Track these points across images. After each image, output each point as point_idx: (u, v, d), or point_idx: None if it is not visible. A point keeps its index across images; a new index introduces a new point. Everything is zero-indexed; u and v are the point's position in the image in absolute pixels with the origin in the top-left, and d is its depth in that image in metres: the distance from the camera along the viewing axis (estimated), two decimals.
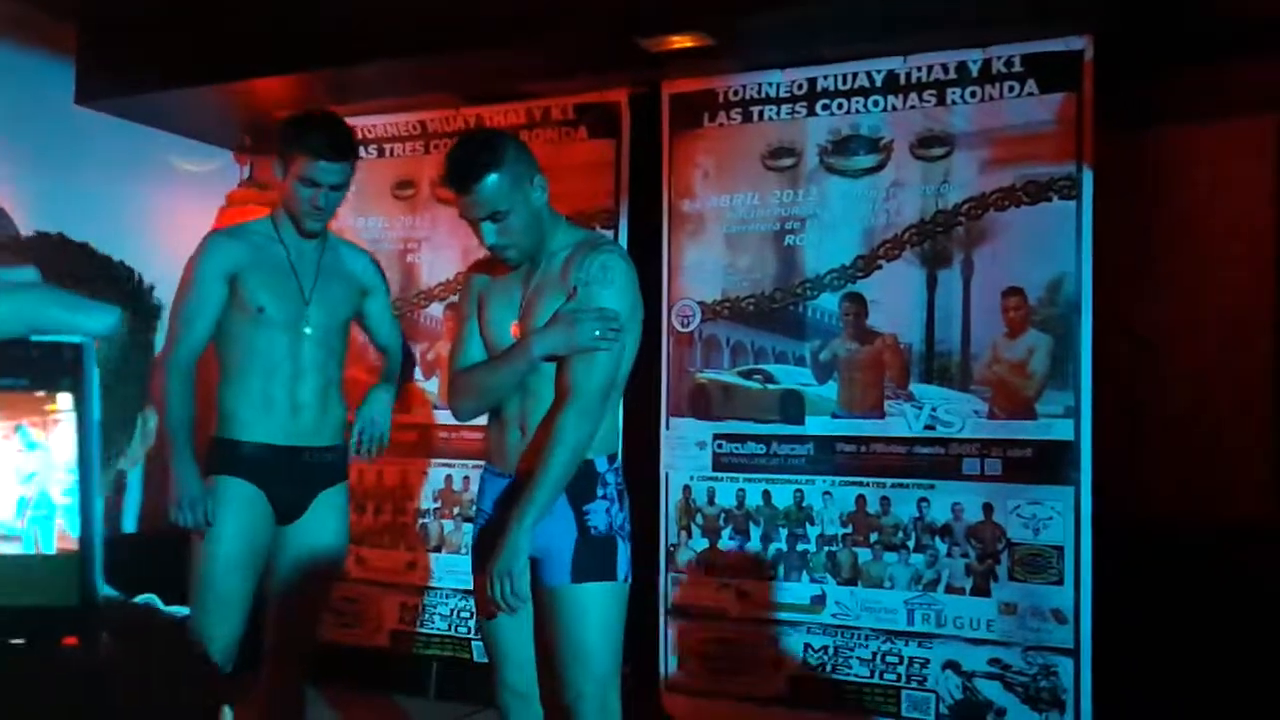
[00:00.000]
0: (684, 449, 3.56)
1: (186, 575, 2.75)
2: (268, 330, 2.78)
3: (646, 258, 3.66)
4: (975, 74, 3.27)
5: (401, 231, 4.11)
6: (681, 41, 3.42)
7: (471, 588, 2.53)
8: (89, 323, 0.85)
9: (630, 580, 2.40)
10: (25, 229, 3.51)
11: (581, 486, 2.35)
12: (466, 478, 3.92)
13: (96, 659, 0.83)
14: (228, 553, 2.72)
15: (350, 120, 4.08)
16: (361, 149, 4.16)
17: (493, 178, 2.29)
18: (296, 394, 2.81)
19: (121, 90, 4.03)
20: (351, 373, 3.08)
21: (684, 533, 3.54)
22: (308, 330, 2.82)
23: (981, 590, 3.14)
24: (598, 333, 2.28)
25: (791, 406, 3.42)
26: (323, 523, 2.85)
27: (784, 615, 3.38)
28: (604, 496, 2.37)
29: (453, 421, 3.39)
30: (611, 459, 2.41)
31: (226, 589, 2.72)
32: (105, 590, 0.93)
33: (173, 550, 2.79)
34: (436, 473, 4.02)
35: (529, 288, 2.41)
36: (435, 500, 4.03)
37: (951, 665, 3.16)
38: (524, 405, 2.38)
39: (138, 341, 1.00)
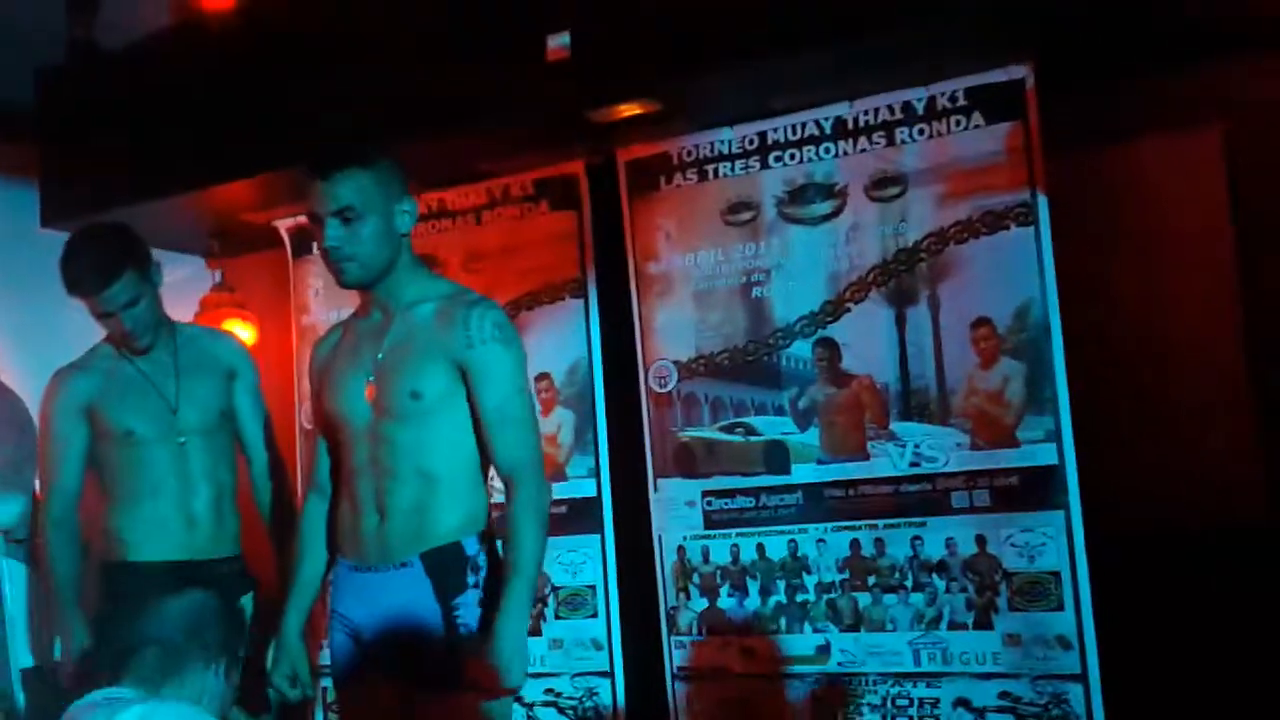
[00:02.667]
0: (674, 510, 3.54)
1: None
2: (143, 450, 2.68)
3: (618, 322, 3.70)
4: (921, 112, 3.31)
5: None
6: (631, 110, 3.46)
7: None
8: None
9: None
10: (4, 357, 3.48)
11: (448, 576, 2.11)
12: None
13: None
14: None
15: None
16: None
17: (357, 170, 2.09)
18: (189, 508, 2.70)
19: (87, 209, 4.06)
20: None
21: (682, 594, 3.51)
22: (183, 439, 2.71)
23: (984, 624, 3.11)
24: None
25: (776, 457, 3.42)
26: None
27: (790, 668, 3.34)
28: (476, 585, 2.13)
29: None
30: (483, 538, 2.18)
31: None
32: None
33: None
34: None
35: (384, 342, 2.18)
36: None
37: (963, 703, 3.13)
38: (379, 485, 2.14)
39: None
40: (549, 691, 3.67)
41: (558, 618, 3.70)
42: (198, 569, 2.71)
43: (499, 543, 2.22)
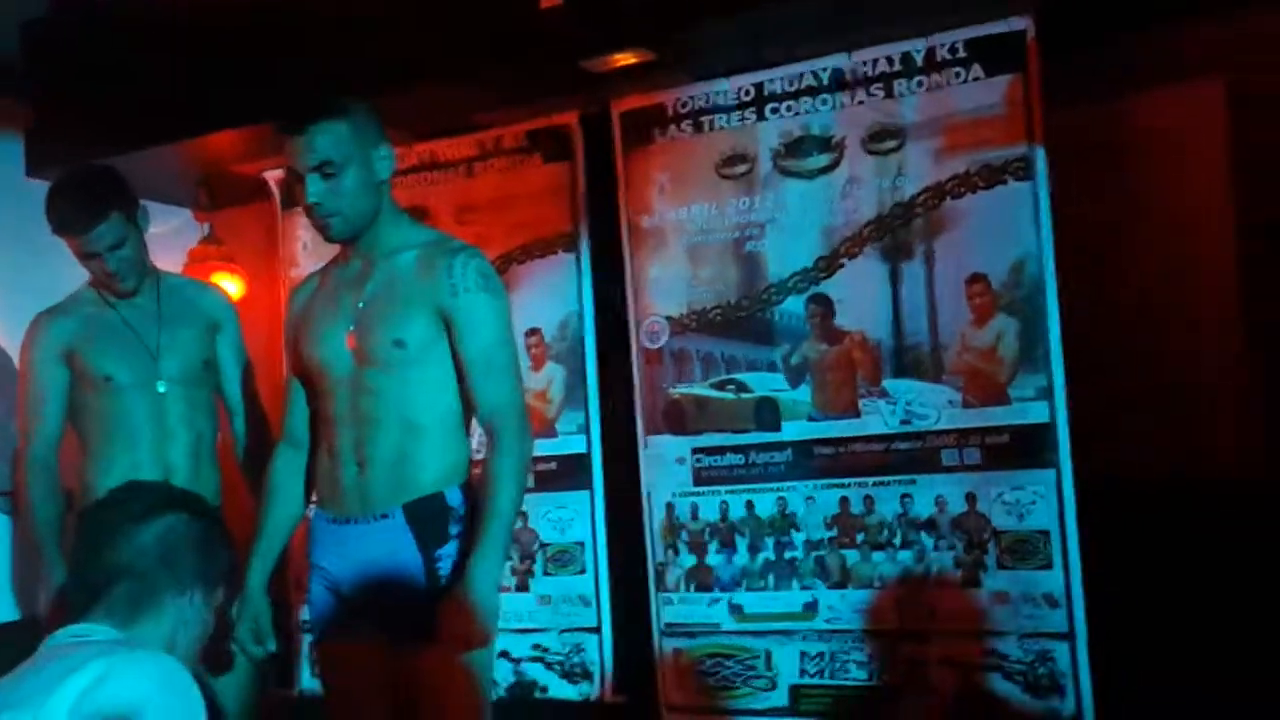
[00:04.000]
0: (663, 466, 3.51)
1: None
2: (122, 397, 2.64)
3: (610, 277, 3.66)
4: (920, 64, 3.25)
5: None
6: (625, 59, 3.41)
7: None
8: None
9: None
10: None
11: (430, 527, 2.08)
12: None
13: None
14: None
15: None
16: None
17: (333, 123, 2.04)
18: (167, 458, 2.66)
19: (72, 158, 4.01)
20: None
21: (670, 551, 3.49)
22: (163, 387, 2.67)
23: (972, 581, 3.09)
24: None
25: (767, 414, 3.38)
26: None
27: (778, 625, 3.32)
28: (458, 536, 2.09)
29: None
30: (465, 489, 2.15)
31: None
32: None
33: None
34: None
35: (364, 293, 2.14)
36: None
37: (948, 660, 3.11)
38: (359, 435, 2.10)
39: None
40: (536, 647, 3.65)
41: (546, 574, 3.68)
42: None
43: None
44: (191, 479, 2.71)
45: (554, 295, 3.72)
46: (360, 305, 2.14)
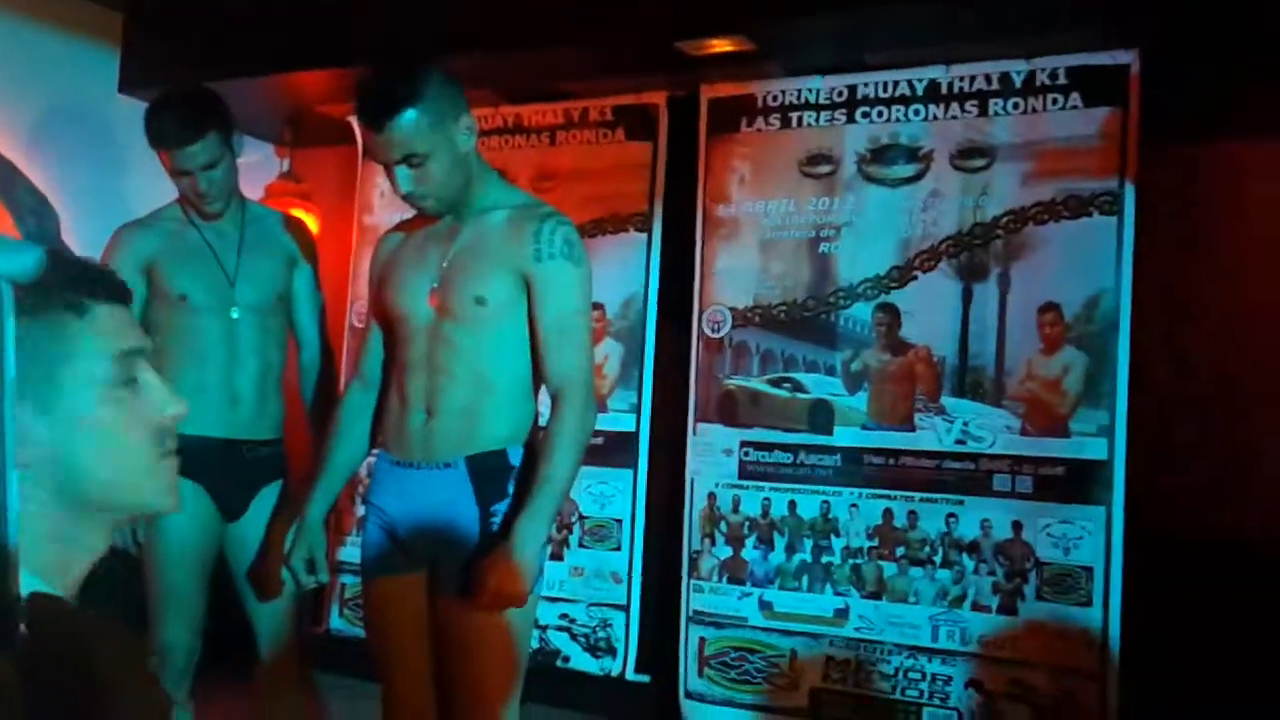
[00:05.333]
0: (710, 456, 3.52)
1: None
2: (194, 318, 2.66)
3: (679, 262, 3.66)
4: (1019, 85, 3.23)
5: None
6: (722, 45, 3.39)
7: None
8: (3, 263, 0.70)
9: (538, 594, 2.12)
10: (66, 216, 3.52)
11: (490, 481, 2.10)
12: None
13: (14, 654, 0.72)
14: (172, 553, 2.61)
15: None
16: None
17: (410, 114, 2.00)
18: (233, 383, 2.68)
19: (165, 79, 4.05)
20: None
21: (707, 540, 3.50)
22: (236, 314, 2.70)
23: (1008, 609, 3.09)
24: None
25: (820, 416, 3.39)
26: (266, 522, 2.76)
27: (806, 627, 3.34)
28: (515, 495, 2.11)
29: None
30: (527, 449, 2.16)
31: (176, 590, 2.61)
32: (33, 583, 0.85)
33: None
34: None
35: (451, 249, 2.14)
36: None
37: (975, 684, 3.11)
38: (431, 383, 2.12)
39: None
40: (564, 616, 3.68)
41: (581, 546, 3.70)
42: (234, 447, 2.72)
43: None
44: (258, 407, 2.74)
45: (621, 272, 3.73)
46: (447, 260, 2.16)
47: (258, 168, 4.43)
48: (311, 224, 4.25)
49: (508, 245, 2.12)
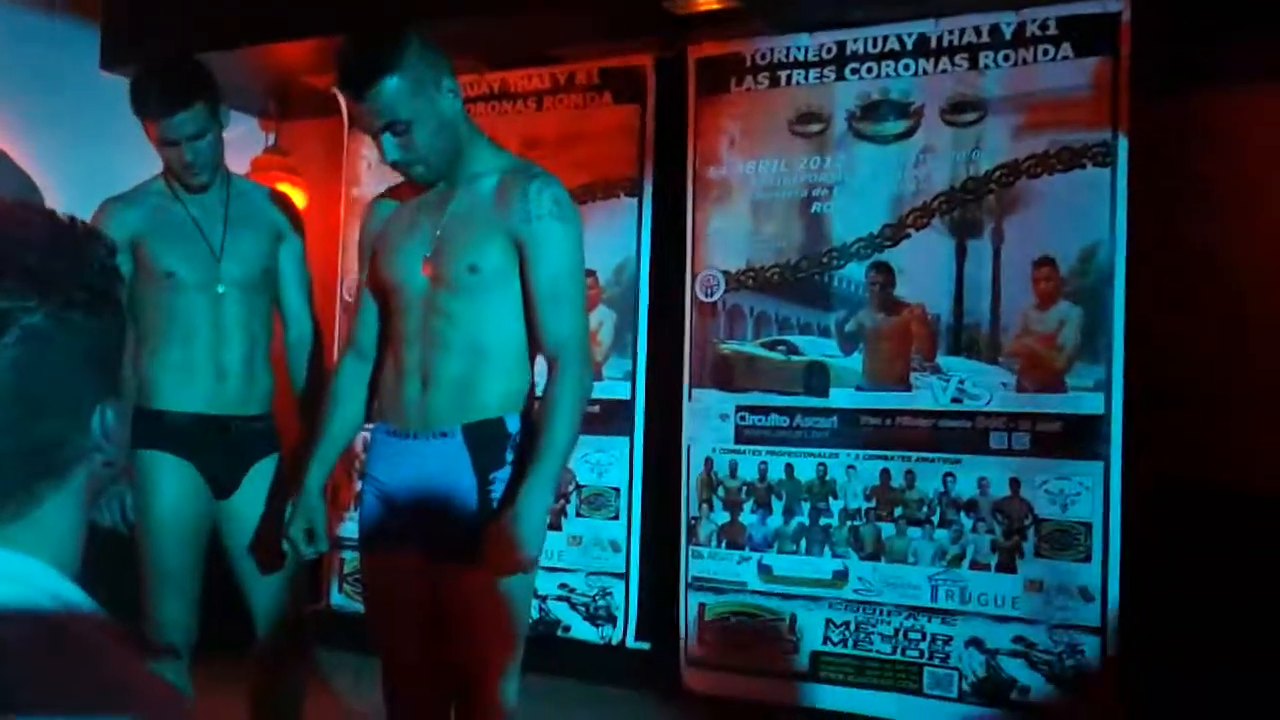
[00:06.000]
0: (706, 421, 3.50)
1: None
2: (181, 295, 2.61)
3: (671, 226, 3.62)
4: (1008, 37, 3.18)
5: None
6: (708, 3, 3.35)
7: None
8: None
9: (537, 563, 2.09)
10: (50, 195, 3.46)
11: (488, 450, 2.07)
12: None
13: None
14: (165, 529, 2.56)
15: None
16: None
17: (391, 81, 1.96)
18: (221, 359, 2.63)
19: (147, 54, 4.01)
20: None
21: (705, 506, 3.49)
22: (222, 289, 2.63)
23: (1007, 567, 3.07)
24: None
25: (816, 378, 3.36)
26: (260, 497, 2.75)
27: (806, 590, 3.32)
28: (513, 463, 2.08)
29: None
30: (525, 417, 2.13)
31: (169, 566, 2.57)
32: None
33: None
34: None
35: (443, 217, 2.11)
36: None
37: (975, 643, 3.10)
38: (426, 353, 2.10)
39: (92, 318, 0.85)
40: (563, 586, 3.68)
41: (579, 515, 3.69)
42: (224, 423, 2.69)
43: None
44: (245, 382, 2.71)
45: (612, 238, 3.70)
46: (439, 229, 2.13)
47: (242, 141, 4.38)
48: (298, 198, 4.21)
49: (497, 210, 2.09)
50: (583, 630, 3.66)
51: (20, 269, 0.83)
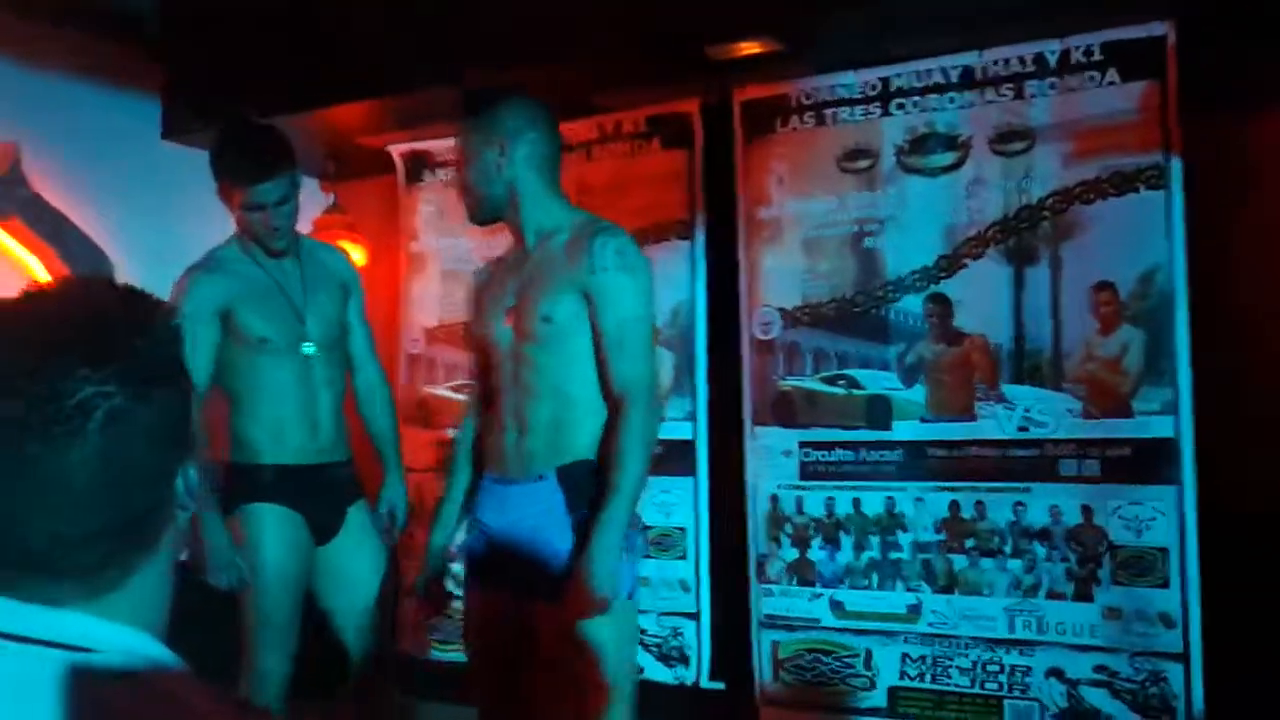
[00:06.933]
0: (770, 458, 3.52)
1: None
2: (272, 358, 2.72)
3: (724, 266, 3.66)
4: (1053, 65, 3.19)
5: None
6: (750, 48, 3.39)
7: None
8: None
9: (634, 598, 2.20)
10: (119, 263, 3.56)
11: (580, 490, 2.18)
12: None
13: None
14: (274, 579, 2.65)
15: (429, 144, 4.15)
16: (435, 173, 4.20)
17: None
18: (313, 414, 2.76)
19: (207, 123, 4.11)
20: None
21: (773, 543, 3.50)
22: (309, 349, 2.76)
23: (1084, 595, 3.05)
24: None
25: (878, 412, 3.37)
26: (359, 540, 2.81)
27: (880, 625, 3.32)
28: (592, 505, 2.16)
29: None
30: None
31: (276, 617, 2.65)
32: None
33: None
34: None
35: (521, 272, 2.29)
36: None
37: (1055, 673, 3.08)
38: (519, 402, 2.24)
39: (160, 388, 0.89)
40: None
41: (647, 557, 3.70)
42: (319, 472, 2.79)
43: None
44: (334, 433, 2.81)
45: (667, 282, 3.72)
46: (519, 285, 2.29)
47: (303, 203, 4.48)
48: (359, 254, 4.30)
49: (568, 263, 2.23)
50: (657, 672, 3.66)
51: (98, 351, 0.85)
